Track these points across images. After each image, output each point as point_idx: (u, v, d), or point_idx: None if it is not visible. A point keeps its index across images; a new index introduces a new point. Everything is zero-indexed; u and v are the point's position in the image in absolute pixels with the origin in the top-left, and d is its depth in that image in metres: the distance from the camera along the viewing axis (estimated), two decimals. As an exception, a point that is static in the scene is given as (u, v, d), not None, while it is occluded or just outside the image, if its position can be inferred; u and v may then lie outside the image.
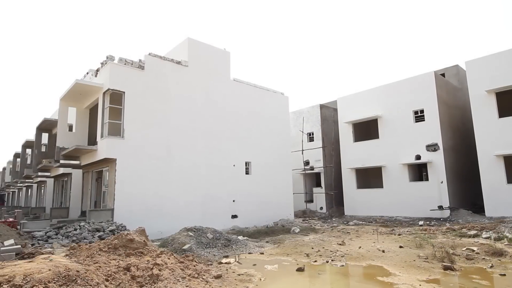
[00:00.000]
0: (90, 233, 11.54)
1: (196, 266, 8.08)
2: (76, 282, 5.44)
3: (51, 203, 22.90)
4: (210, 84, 17.79)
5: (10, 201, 45.94)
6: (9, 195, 47.78)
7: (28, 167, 24.98)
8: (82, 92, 15.54)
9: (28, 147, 25.81)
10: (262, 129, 20.21)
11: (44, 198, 25.84)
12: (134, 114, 14.55)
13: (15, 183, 32.74)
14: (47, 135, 21.35)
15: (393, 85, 22.16)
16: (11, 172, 35.11)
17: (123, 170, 13.91)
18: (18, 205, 36.99)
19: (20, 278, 5.28)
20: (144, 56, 15.50)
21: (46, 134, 21.35)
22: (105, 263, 7.21)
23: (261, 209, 18.93)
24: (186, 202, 15.64)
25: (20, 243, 9.35)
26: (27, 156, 26.95)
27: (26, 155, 26.88)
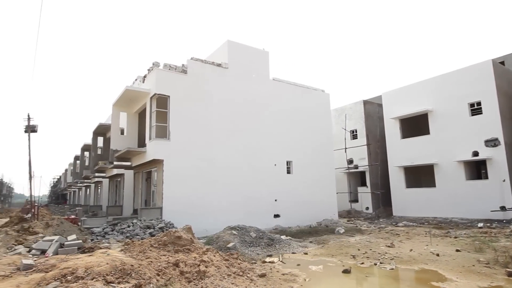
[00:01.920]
0: (142, 230, 12.25)
1: (241, 264, 8.20)
2: (131, 275, 5.80)
3: (107, 202, 24.70)
4: (250, 84, 17.97)
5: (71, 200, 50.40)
6: (70, 194, 52.44)
7: (86, 168, 27.22)
8: (131, 97, 16.55)
9: (86, 150, 28.10)
10: (303, 127, 19.95)
11: (100, 197, 27.97)
12: (178, 116, 15.17)
13: (76, 183, 35.87)
14: (102, 139, 23.06)
15: (445, 76, 20.60)
16: (72, 173, 38.54)
17: (169, 170, 14.57)
18: (78, 203, 40.48)
19: (82, 271, 5.76)
20: (186, 60, 16.09)
21: (101, 138, 23.06)
22: (156, 258, 7.59)
23: (304, 208, 18.69)
24: (229, 201, 15.95)
25: (81, 238, 10.21)
26: (85, 158, 29.36)
27: (85, 157, 29.29)
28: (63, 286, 5.25)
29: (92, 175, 24.30)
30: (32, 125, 15.15)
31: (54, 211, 29.57)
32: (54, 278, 5.48)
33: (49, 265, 6.76)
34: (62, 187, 56.28)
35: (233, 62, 17.48)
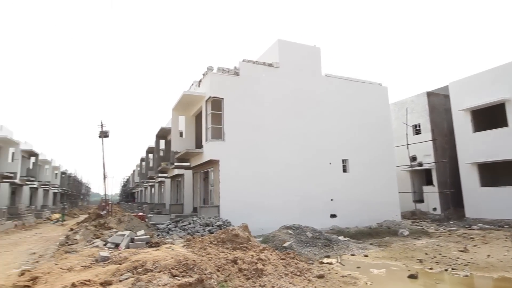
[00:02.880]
0: (201, 227, 12.83)
1: (298, 264, 8.12)
2: (193, 270, 6.09)
3: (169, 200, 26.39)
4: (301, 82, 17.74)
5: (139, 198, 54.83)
6: (138, 193, 57.09)
7: (150, 169, 29.38)
8: (188, 101, 17.44)
9: (150, 153, 30.34)
10: (359, 124, 19.08)
11: (164, 196, 29.97)
12: (232, 118, 15.59)
13: (142, 183, 38.94)
14: (164, 141, 24.69)
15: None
16: (139, 173, 41.91)
17: (225, 170, 15.04)
18: (145, 201, 43.87)
19: (150, 264, 6.21)
20: (238, 63, 16.45)
21: (163, 141, 24.70)
22: (215, 255, 7.89)
23: (362, 209, 17.87)
24: (284, 200, 15.93)
25: (148, 233, 11.05)
26: (149, 160, 31.71)
27: (149, 159, 31.63)
28: (134, 277, 5.72)
29: (155, 175, 26.15)
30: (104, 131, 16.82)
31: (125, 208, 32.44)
32: (127, 270, 6.00)
33: (122, 257, 7.43)
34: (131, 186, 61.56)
35: (284, 61, 17.43)
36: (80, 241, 10.36)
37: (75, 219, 29.25)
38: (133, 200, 57.45)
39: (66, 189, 53.58)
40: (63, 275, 6.09)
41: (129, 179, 66.70)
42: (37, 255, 10.12)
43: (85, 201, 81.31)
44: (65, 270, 6.48)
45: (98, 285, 5.30)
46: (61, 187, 48.55)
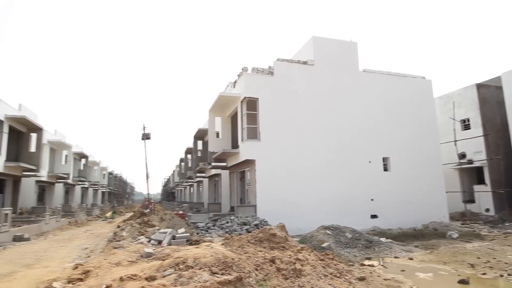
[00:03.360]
0: (239, 226, 12.99)
1: (337, 265, 7.92)
2: (232, 268, 6.18)
3: (207, 199, 27.07)
4: (338, 78, 17.29)
5: (179, 197, 56.88)
6: (178, 192, 59.23)
7: (189, 169, 30.34)
8: (224, 102, 17.75)
9: (189, 153, 31.33)
10: (401, 120, 18.18)
11: (202, 195, 30.81)
12: (267, 117, 15.60)
13: (181, 183, 40.35)
14: (201, 142, 25.38)
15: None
16: (178, 173, 43.46)
17: (261, 170, 15.09)
18: (184, 200, 45.42)
19: (191, 261, 6.39)
20: (273, 62, 16.43)
21: (201, 142, 25.39)
22: (253, 254, 7.94)
23: (406, 209, 17.01)
24: (321, 200, 15.64)
25: (188, 231, 11.40)
26: (188, 160, 32.76)
27: (188, 159, 32.69)
28: (176, 273, 5.93)
29: (194, 175, 26.95)
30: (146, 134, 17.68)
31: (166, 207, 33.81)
32: (169, 266, 6.23)
33: (165, 254, 7.73)
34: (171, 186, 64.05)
35: (319, 58, 17.11)
36: (126, 238, 10.96)
37: (121, 217, 31.06)
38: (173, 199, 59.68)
39: (113, 189, 57.08)
40: (112, 269, 6.47)
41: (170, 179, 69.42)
42: (89, 250, 10.87)
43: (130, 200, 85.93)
44: (114, 264, 6.89)
45: (143, 280, 5.57)
46: (108, 186, 51.80)
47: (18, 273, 7.31)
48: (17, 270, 7.67)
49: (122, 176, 69.71)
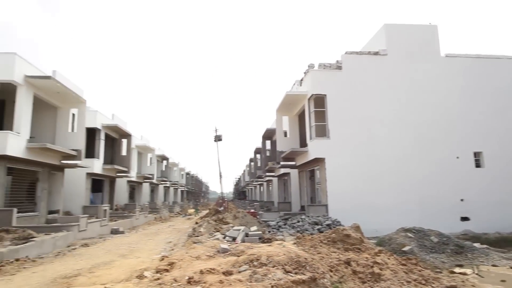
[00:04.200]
0: (310, 225, 12.81)
1: (422, 271, 7.23)
2: (305, 268, 6.11)
3: (277, 198, 27.31)
4: (415, 67, 15.83)
5: (250, 196, 58.60)
6: (249, 191, 61.07)
7: (259, 169, 31.00)
8: (291, 101, 17.69)
9: (258, 153, 32.04)
10: (494, 108, 15.83)
11: (272, 194, 31.22)
12: (336, 114, 15.06)
13: (252, 182, 41.47)
14: (269, 142, 25.73)
15: None
16: (249, 173, 44.76)
17: (332, 168, 14.63)
18: (255, 199, 46.60)
19: (264, 258, 6.50)
20: (341, 56, 15.81)
21: (269, 141, 25.74)
22: (327, 254, 7.73)
23: (504, 211, 14.73)
24: (400, 200, 14.49)
25: (260, 229, 11.65)
26: (257, 160, 33.52)
27: (257, 159, 33.45)
28: (251, 270, 6.10)
29: (263, 174, 27.46)
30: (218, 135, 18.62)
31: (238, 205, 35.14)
32: (244, 262, 6.44)
33: (239, 250, 8.02)
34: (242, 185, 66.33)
35: (392, 47, 15.89)
36: (203, 234, 11.69)
37: (198, 214, 33.31)
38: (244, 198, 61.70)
39: (190, 188, 61.54)
40: (193, 263, 6.95)
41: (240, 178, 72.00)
42: (172, 244, 11.89)
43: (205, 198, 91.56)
44: (194, 258, 7.39)
45: (221, 274, 5.85)
46: (186, 186, 56.02)
47: (116, 262, 8.36)
48: (115, 259, 8.77)
49: (197, 176, 74.72)
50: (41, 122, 15.03)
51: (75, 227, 12.72)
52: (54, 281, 6.29)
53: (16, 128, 12.23)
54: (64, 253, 10.15)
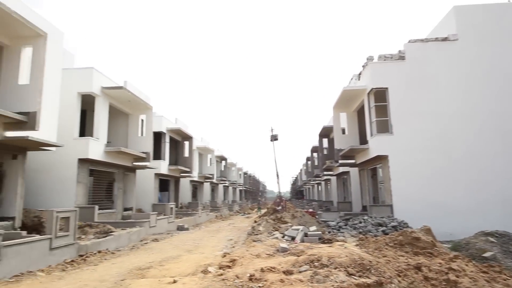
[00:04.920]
0: (374, 227, 12.16)
1: (508, 280, 6.38)
2: (370, 271, 5.81)
3: (336, 198, 26.50)
4: (491, 51, 14.07)
5: (307, 195, 57.84)
6: (306, 191, 60.31)
7: (316, 168, 30.43)
8: (349, 97, 17.00)
9: (315, 152, 31.49)
10: None
11: (330, 193, 30.40)
12: (399, 108, 14.07)
13: (309, 181, 40.88)
14: (326, 140, 25.10)
15: None
16: (306, 172, 44.21)
17: (396, 166, 13.70)
18: (313, 198, 45.89)
19: (325, 259, 6.34)
20: (403, 45, 14.73)
21: (326, 139, 25.12)
22: (394, 258, 7.25)
23: None
24: (478, 200, 12.99)
25: (320, 229, 11.40)
26: (314, 159, 32.94)
27: (314, 158, 32.88)
28: (312, 270, 5.99)
29: (321, 173, 26.86)
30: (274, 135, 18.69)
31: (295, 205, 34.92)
32: (304, 262, 6.36)
33: (299, 250, 7.95)
34: (299, 184, 65.79)
35: (464, 30, 14.33)
36: (263, 232, 11.83)
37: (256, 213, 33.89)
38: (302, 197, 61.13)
39: (248, 187, 62.91)
40: (253, 260, 7.07)
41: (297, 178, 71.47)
42: (233, 241, 12.27)
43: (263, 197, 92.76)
44: (254, 256, 7.52)
45: (281, 273, 5.86)
46: (244, 185, 57.41)
47: (182, 256, 8.90)
48: (182, 254, 9.34)
49: (254, 175, 76.06)
50: (115, 128, 16.73)
51: (146, 223, 13.85)
52: (131, 272, 6.92)
53: (96, 134, 13.78)
54: (137, 247, 11.12)
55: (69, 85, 12.77)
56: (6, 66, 9.43)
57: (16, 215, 9.81)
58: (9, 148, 9.77)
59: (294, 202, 47.01)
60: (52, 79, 10.18)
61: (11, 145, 9.63)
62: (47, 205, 11.93)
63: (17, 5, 8.83)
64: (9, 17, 8.43)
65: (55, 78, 10.61)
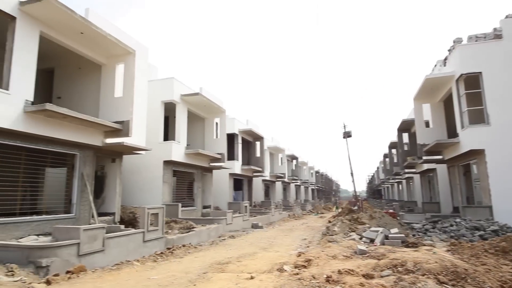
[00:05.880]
0: (469, 230, 10.73)
1: None
2: (466, 280, 5.13)
3: (420, 197, 24.12)
4: None
5: (385, 195, 53.98)
6: (384, 190, 56.37)
7: (395, 165, 28.18)
8: (432, 86, 15.31)
9: (393, 148, 29.20)
10: None
11: (413, 193, 27.82)
12: (497, 95, 12.17)
13: (387, 180, 38.09)
14: (407, 135, 23.05)
15: None
16: (383, 170, 41.32)
17: (494, 162, 11.88)
18: (392, 198, 42.64)
19: (411, 264, 5.82)
20: (499, 22, 12.70)
21: (406, 134, 23.07)
22: (495, 267, 6.28)
23: None
24: None
25: (403, 232, 10.50)
26: (393, 155, 30.57)
27: (392, 155, 30.53)
28: (395, 275, 5.55)
29: (402, 171, 24.78)
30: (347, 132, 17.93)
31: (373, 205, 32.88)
32: (386, 266, 5.92)
33: (379, 253, 7.45)
34: (376, 183, 61.83)
35: None
36: (338, 233, 11.42)
37: (330, 213, 32.93)
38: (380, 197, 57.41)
39: (320, 186, 61.54)
40: (329, 262, 6.87)
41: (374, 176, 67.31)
42: (307, 241, 12.11)
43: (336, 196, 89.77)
44: (330, 257, 7.30)
45: (360, 276, 5.56)
46: (316, 184, 56.33)
47: (258, 254, 9.12)
48: (257, 252, 9.57)
49: (327, 174, 74.04)
50: (193, 132, 18.05)
51: (223, 221, 14.59)
52: (211, 266, 7.36)
53: (177, 138, 15.05)
54: (216, 242, 11.77)
55: (154, 94, 14.20)
56: (104, 82, 10.95)
57: (115, 211, 11.30)
58: (108, 153, 11.30)
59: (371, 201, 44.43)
60: (140, 90, 11.45)
61: (110, 150, 11.11)
62: (139, 202, 13.47)
63: (111, 28, 10.15)
64: (106, 40, 9.80)
65: (143, 90, 11.89)
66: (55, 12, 8.25)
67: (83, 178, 10.00)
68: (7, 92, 7.56)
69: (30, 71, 8.18)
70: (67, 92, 11.56)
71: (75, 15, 8.53)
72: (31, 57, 8.21)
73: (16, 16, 7.85)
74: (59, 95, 11.61)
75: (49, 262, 6.27)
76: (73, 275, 6.32)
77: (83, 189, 9.98)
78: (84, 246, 6.99)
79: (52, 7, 8.03)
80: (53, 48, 9.86)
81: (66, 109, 8.35)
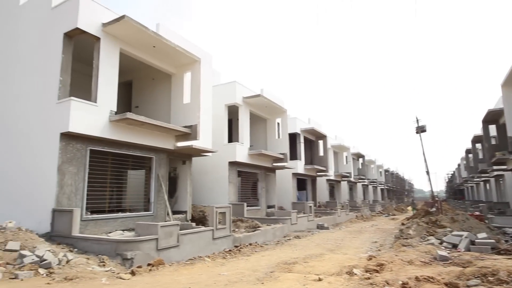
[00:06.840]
0: None
1: None
2: None
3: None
4: None
5: (468, 195, 48.15)
6: (467, 189, 50.34)
7: (480, 161, 24.98)
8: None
9: (478, 142, 25.93)
10: None
11: (504, 192, 24.32)
12: None
13: (471, 178, 33.94)
14: (494, 127, 20.25)
15: None
16: (466, 167, 36.96)
17: None
18: (478, 199, 37.84)
19: (504, 274, 5.11)
20: None
21: (493, 126, 20.27)
22: None
23: None
24: None
25: (492, 237, 9.25)
26: (477, 151, 27.15)
27: (476, 150, 27.13)
28: (485, 285, 4.91)
29: (489, 168, 21.84)
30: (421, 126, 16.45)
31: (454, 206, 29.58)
32: (473, 275, 5.28)
33: (464, 260, 6.67)
34: (457, 182, 55.55)
35: None
36: (413, 237, 10.54)
37: (403, 214, 30.55)
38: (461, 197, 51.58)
39: (391, 186, 57.50)
40: (405, 267, 6.37)
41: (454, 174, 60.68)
42: (378, 244, 11.41)
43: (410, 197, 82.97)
44: (406, 262, 6.76)
45: (442, 284, 5.04)
46: (386, 183, 52.80)
47: (325, 255, 8.88)
48: (324, 253, 9.33)
49: (398, 173, 68.91)
50: (255, 133, 18.41)
51: (288, 220, 14.57)
52: (278, 265, 7.39)
53: (241, 140, 15.51)
54: (281, 242, 11.80)
55: (217, 99, 14.86)
56: (174, 90, 11.85)
57: (187, 210, 12.09)
58: (180, 155, 12.15)
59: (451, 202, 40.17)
60: (206, 96, 12.09)
61: (181, 153, 11.95)
62: (207, 201, 14.22)
63: (178, 38, 10.92)
64: (175, 51, 10.62)
65: (208, 95, 12.54)
66: (131, 30, 9.20)
67: (158, 179, 10.92)
68: (96, 104, 8.67)
69: (113, 84, 9.26)
70: (143, 101, 12.78)
71: (148, 31, 9.39)
72: (114, 72, 9.29)
73: (100, 37, 8.95)
74: (137, 105, 12.90)
75: (133, 255, 6.97)
76: (153, 267, 6.93)
77: (159, 189, 10.89)
78: (162, 241, 7.61)
79: (129, 26, 8.97)
80: (130, 63, 11.01)
81: (144, 117, 9.27)
